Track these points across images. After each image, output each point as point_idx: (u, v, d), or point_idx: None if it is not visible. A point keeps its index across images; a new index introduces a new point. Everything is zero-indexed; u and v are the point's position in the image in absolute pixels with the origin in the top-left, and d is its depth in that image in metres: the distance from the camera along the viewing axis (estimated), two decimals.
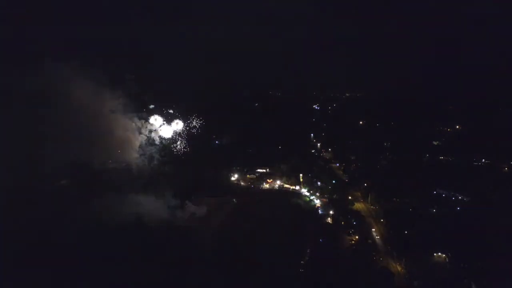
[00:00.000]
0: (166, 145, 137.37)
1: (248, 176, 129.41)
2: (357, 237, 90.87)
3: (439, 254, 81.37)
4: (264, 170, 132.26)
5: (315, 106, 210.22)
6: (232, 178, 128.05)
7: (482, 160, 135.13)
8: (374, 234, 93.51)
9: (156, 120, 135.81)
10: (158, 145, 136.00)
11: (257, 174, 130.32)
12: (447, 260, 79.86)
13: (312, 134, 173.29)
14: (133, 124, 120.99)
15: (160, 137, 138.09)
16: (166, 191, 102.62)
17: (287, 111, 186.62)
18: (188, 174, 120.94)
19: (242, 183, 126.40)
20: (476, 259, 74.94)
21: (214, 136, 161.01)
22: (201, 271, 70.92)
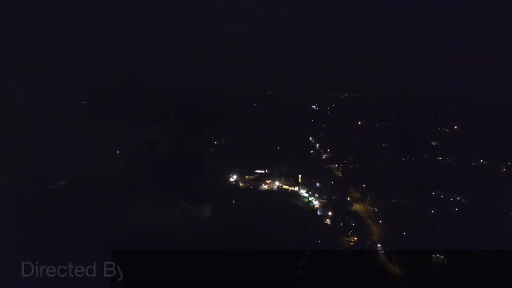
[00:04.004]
0: (164, 146, 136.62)
1: (246, 177, 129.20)
2: (355, 238, 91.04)
3: (437, 255, 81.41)
4: (263, 171, 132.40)
5: (313, 107, 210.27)
6: (231, 179, 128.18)
7: (480, 161, 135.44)
8: (373, 235, 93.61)
9: (151, 120, 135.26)
10: (155, 145, 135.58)
11: (255, 175, 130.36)
12: (445, 262, 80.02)
13: (311, 135, 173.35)
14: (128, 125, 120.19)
15: (157, 137, 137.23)
16: (163, 191, 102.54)
17: (286, 112, 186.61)
18: (186, 175, 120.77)
19: (240, 184, 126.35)
20: (474, 261, 74.95)
21: (212, 137, 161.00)
22: (199, 271, 71.00)
